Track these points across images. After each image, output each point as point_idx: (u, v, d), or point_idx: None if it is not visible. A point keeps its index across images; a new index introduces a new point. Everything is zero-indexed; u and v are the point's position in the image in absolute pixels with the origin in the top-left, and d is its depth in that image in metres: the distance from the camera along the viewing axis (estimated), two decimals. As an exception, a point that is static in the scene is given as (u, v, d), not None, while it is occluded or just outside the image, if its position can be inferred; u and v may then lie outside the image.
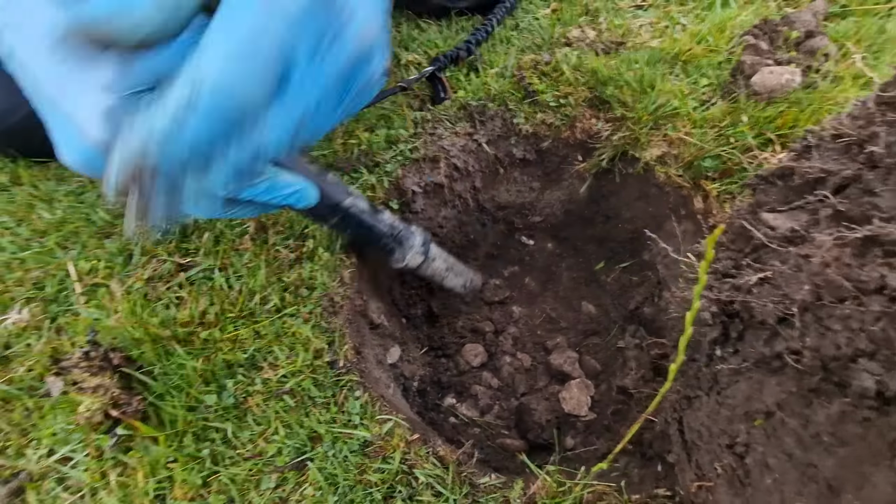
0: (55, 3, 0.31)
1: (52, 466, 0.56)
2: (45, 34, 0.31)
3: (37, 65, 0.33)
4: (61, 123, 0.34)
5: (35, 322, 0.67)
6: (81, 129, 0.33)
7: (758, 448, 0.39)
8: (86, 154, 0.33)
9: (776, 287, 0.37)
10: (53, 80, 0.33)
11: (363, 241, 0.70)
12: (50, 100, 0.34)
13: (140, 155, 0.28)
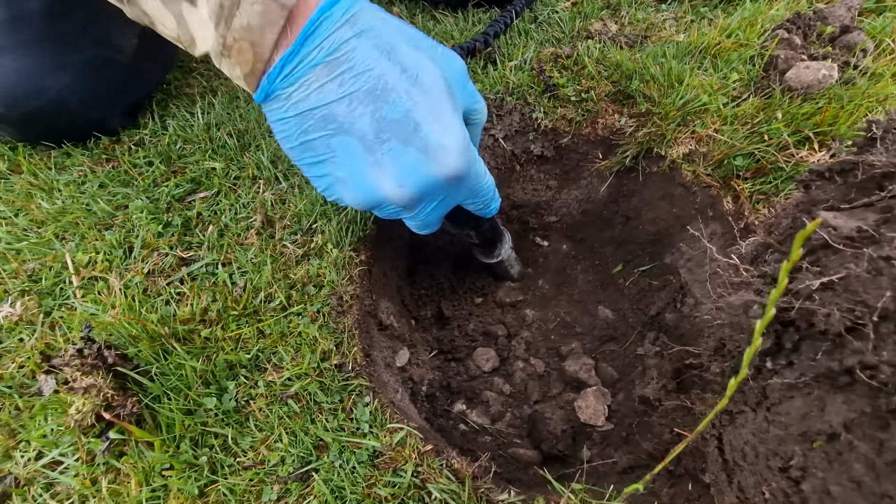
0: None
1: (40, 471, 0.52)
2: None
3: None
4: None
5: (28, 316, 0.63)
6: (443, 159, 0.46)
7: (817, 473, 0.35)
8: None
9: (846, 292, 0.32)
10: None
11: (489, 242, 0.81)
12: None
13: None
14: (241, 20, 0.41)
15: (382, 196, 0.47)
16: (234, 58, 0.42)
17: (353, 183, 0.47)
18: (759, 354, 0.40)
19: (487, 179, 0.53)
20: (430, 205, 0.49)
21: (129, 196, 0.75)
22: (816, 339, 0.36)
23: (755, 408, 0.41)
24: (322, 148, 0.46)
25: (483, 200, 0.55)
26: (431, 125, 0.44)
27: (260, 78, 0.43)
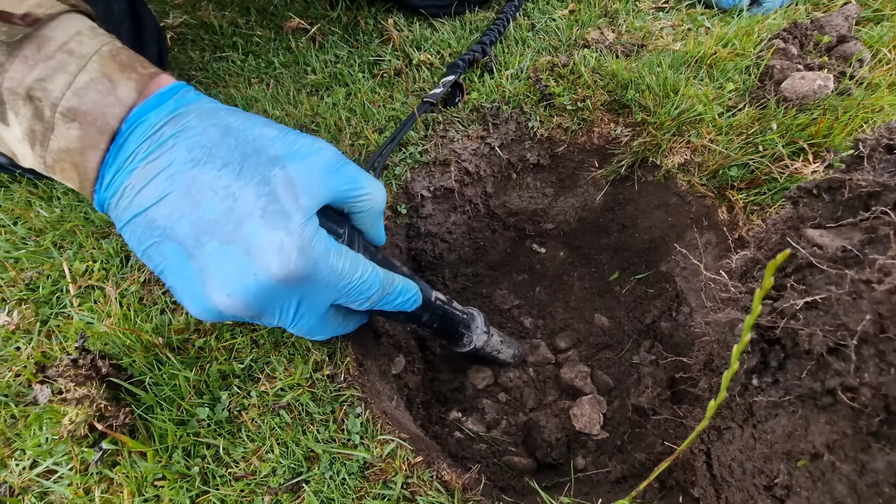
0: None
1: (34, 480, 0.53)
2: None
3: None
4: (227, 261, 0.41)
5: (25, 325, 0.64)
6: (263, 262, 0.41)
7: (801, 492, 0.35)
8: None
9: (828, 314, 0.33)
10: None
11: (443, 333, 0.70)
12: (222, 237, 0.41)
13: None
14: (57, 143, 0.40)
15: (216, 307, 0.42)
16: (60, 175, 0.42)
17: (188, 294, 0.43)
18: (746, 372, 0.40)
19: (358, 277, 0.46)
20: (286, 312, 0.45)
21: (126, 204, 0.76)
22: (801, 359, 0.36)
23: (742, 424, 0.41)
24: (157, 257, 0.43)
25: (366, 299, 0.48)
26: (255, 221, 0.40)
27: (91, 191, 0.43)
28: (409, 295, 0.54)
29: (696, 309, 0.77)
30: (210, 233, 0.40)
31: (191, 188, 0.40)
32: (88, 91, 0.39)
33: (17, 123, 0.39)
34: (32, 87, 0.38)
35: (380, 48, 0.97)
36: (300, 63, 0.97)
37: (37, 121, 0.39)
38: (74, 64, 0.39)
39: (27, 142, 0.40)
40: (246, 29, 1.06)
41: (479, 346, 0.75)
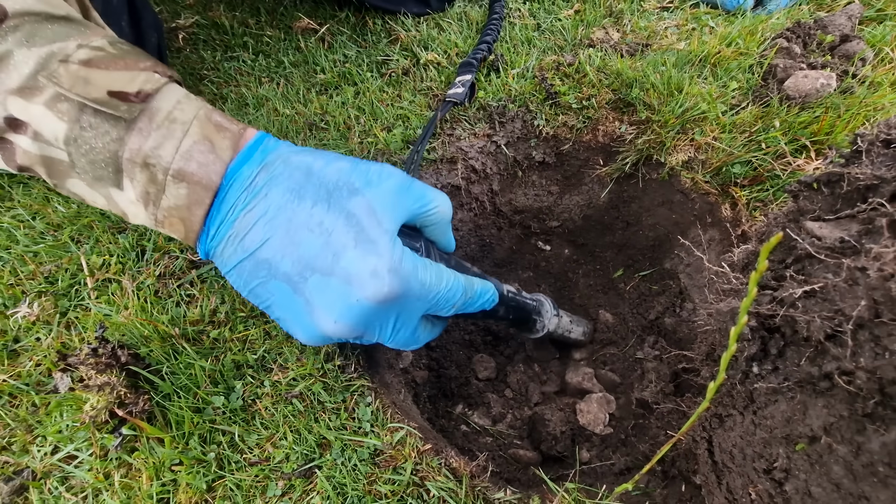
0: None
1: (55, 465, 0.55)
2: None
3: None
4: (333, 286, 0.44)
5: (45, 316, 0.66)
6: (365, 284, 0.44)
7: (800, 475, 0.36)
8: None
9: (826, 301, 0.34)
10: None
11: (518, 322, 0.72)
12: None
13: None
14: (168, 202, 0.44)
15: (324, 333, 0.46)
16: (168, 229, 0.46)
17: (297, 324, 0.47)
18: (747, 359, 0.41)
19: (444, 286, 0.49)
20: (385, 328, 0.48)
21: (141, 200, 0.78)
22: (800, 346, 0.37)
23: (742, 411, 0.43)
24: (264, 294, 0.46)
25: (452, 307, 0.51)
26: (350, 251, 0.43)
27: (196, 242, 0.46)
28: (489, 295, 0.56)
29: (699, 305, 0.78)
30: (311, 268, 0.44)
31: (288, 230, 0.44)
32: (193, 153, 0.43)
33: (131, 188, 0.43)
34: (148, 154, 0.42)
35: (388, 48, 0.99)
36: (309, 62, 0.99)
37: (151, 184, 0.43)
38: (179, 130, 0.43)
39: (141, 203, 0.44)
40: (256, 29, 1.08)
41: (551, 329, 0.78)
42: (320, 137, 0.85)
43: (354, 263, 0.43)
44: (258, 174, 0.45)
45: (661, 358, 0.84)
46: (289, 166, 0.45)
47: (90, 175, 0.43)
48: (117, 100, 0.41)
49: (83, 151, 0.42)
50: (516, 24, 1.00)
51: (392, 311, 0.47)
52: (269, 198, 0.44)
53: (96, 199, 0.46)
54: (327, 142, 0.84)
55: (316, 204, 0.44)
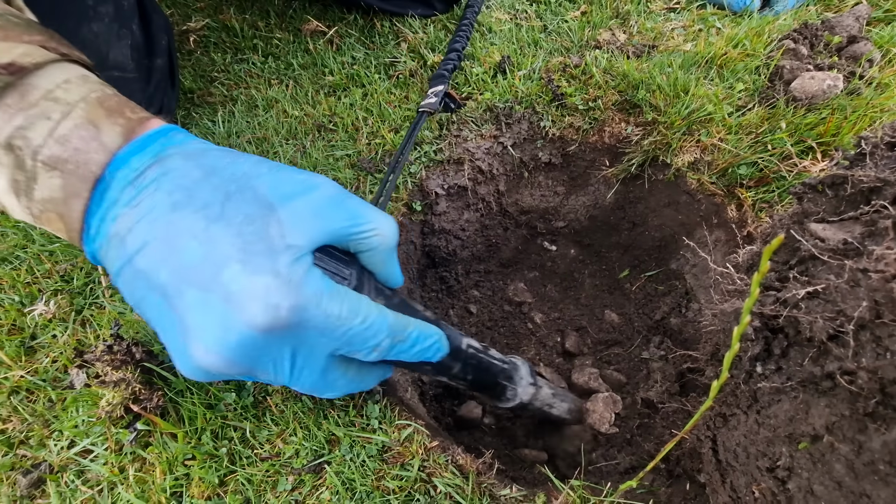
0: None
1: (72, 458, 0.56)
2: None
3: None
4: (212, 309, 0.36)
5: (61, 314, 0.68)
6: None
7: (802, 473, 0.37)
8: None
9: (828, 302, 0.34)
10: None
11: (480, 386, 0.60)
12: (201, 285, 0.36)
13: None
14: (41, 193, 0.38)
15: (197, 365, 0.37)
16: (47, 225, 0.40)
17: (174, 350, 0.39)
18: (750, 359, 0.42)
19: (360, 322, 0.40)
20: (279, 366, 0.39)
21: (153, 200, 0.79)
22: (803, 346, 0.38)
23: (746, 410, 0.43)
24: (147, 309, 0.39)
25: (374, 349, 0.41)
26: (235, 265, 0.36)
27: (79, 241, 0.40)
28: (429, 342, 0.46)
29: (705, 305, 0.79)
30: (188, 281, 0.36)
31: (169, 233, 0.37)
32: (71, 138, 0.38)
33: (2, 175, 0.38)
34: (13, 135, 0.37)
35: (395, 50, 1.00)
36: (318, 64, 1.00)
37: (18, 171, 0.38)
38: (59, 111, 0.38)
39: (11, 193, 0.39)
40: (266, 31, 1.09)
41: (525, 400, 0.64)
42: (328, 139, 0.86)
43: (238, 280, 0.36)
44: (149, 168, 0.38)
45: (666, 358, 0.85)
46: (188, 161, 0.39)
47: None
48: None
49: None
50: (523, 26, 1.01)
51: (285, 345, 0.38)
52: (155, 195, 0.37)
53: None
54: (335, 143, 0.85)
55: (207, 207, 0.37)
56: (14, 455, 0.57)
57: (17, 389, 0.62)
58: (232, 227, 0.37)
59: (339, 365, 0.43)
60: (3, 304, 0.69)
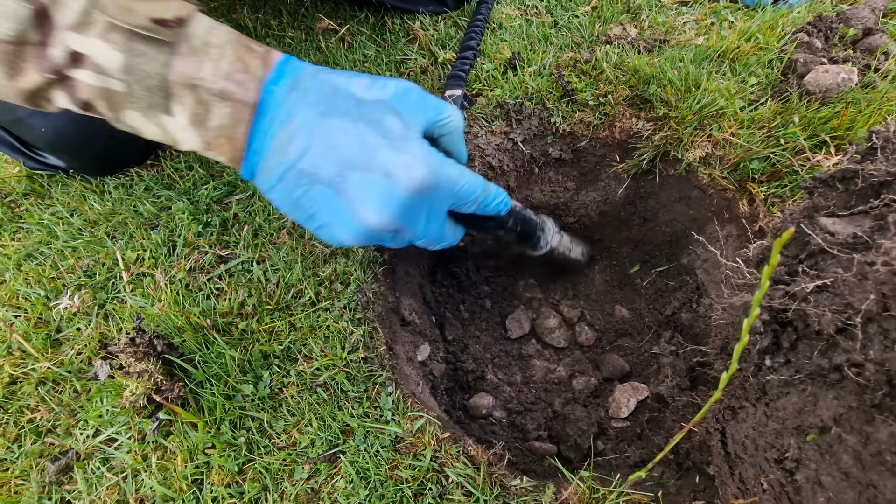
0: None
1: (97, 447, 0.58)
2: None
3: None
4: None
5: (85, 308, 0.70)
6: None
7: (810, 464, 0.37)
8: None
9: (836, 295, 0.35)
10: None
11: (524, 236, 0.74)
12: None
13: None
14: (214, 121, 0.47)
15: (369, 227, 0.49)
16: (216, 150, 0.49)
17: (342, 224, 0.50)
18: (759, 352, 0.42)
19: (466, 180, 0.54)
20: (418, 221, 0.52)
21: (171, 198, 0.81)
22: (812, 339, 0.38)
23: (755, 403, 0.43)
24: (307, 203, 0.50)
25: (474, 200, 0.56)
26: (385, 150, 0.48)
27: (241, 161, 0.50)
28: (502, 196, 0.60)
29: (716, 300, 0.79)
30: (351, 167, 0.47)
31: (327, 136, 0.47)
32: (232, 73, 0.46)
33: (181, 112, 0.46)
34: (192, 76, 0.45)
35: (406, 47, 1.01)
36: (330, 62, 1.01)
37: (198, 105, 0.46)
38: (216, 53, 0.46)
39: (191, 126, 0.47)
40: (278, 30, 1.11)
41: (554, 245, 0.81)
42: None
43: (390, 159, 0.47)
44: (290, 90, 0.48)
45: (677, 353, 0.85)
46: (317, 82, 0.49)
47: (144, 103, 0.46)
48: (159, 26, 0.44)
49: (138, 78, 0.45)
50: (533, 22, 1.01)
51: (424, 203, 0.51)
52: (304, 110, 0.47)
53: (150, 129, 0.49)
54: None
55: (348, 112, 0.48)
56: (42, 443, 0.60)
57: (44, 380, 0.64)
58: (372, 124, 0.48)
59: (447, 221, 0.57)
60: (30, 298, 0.71)
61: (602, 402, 0.88)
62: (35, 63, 0.44)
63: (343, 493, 0.52)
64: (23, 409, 0.62)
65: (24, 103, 0.48)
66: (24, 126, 0.79)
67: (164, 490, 0.54)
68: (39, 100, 0.47)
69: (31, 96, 0.47)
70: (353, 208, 0.49)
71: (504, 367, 0.96)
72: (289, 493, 0.53)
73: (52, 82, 0.45)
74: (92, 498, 0.54)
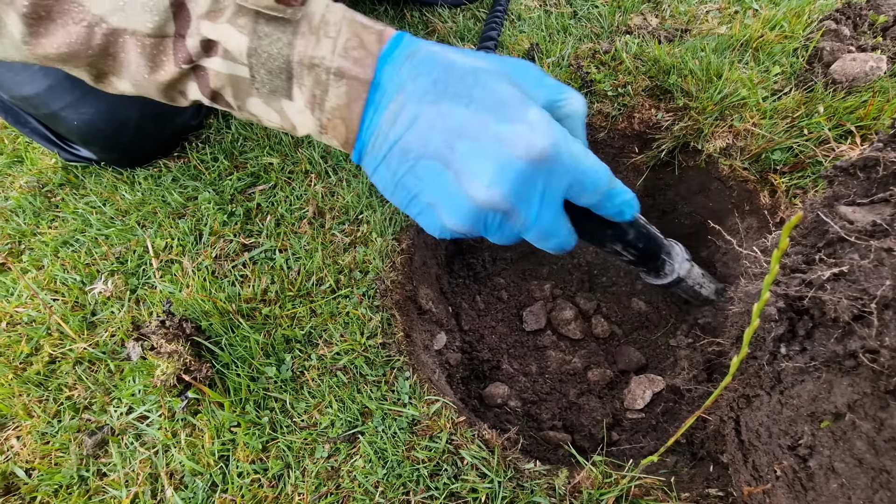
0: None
1: (130, 423, 0.61)
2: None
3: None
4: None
5: (118, 292, 0.73)
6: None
7: (823, 451, 0.37)
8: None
9: (853, 282, 0.35)
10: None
11: (646, 257, 0.64)
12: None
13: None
14: (331, 102, 0.46)
15: (476, 204, 0.44)
16: (331, 132, 0.48)
17: (447, 203, 0.46)
18: (774, 340, 0.42)
19: (591, 163, 0.47)
20: (532, 201, 0.45)
21: (198, 188, 0.84)
22: (828, 327, 0.38)
23: (770, 391, 0.44)
24: (411, 181, 0.47)
25: (597, 189, 0.48)
26: (501, 113, 0.43)
27: (353, 143, 0.48)
28: (629, 196, 0.51)
29: (734, 292, 0.78)
30: (461, 136, 0.43)
31: (438, 105, 0.44)
32: (349, 50, 0.45)
33: (300, 95, 0.46)
34: (313, 56, 0.44)
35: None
36: (350, 56, 1.03)
37: (317, 86, 0.45)
38: (333, 30, 0.45)
39: (308, 108, 0.46)
40: (300, 25, 1.13)
41: (682, 275, 0.69)
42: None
43: (506, 124, 0.43)
44: (404, 64, 0.46)
45: (694, 346, 0.85)
46: (432, 56, 0.46)
47: (267, 88, 0.46)
48: (283, 5, 0.44)
49: (262, 61, 0.45)
50: (552, 13, 1.00)
51: (540, 178, 0.45)
52: (417, 81, 0.45)
53: (271, 115, 0.48)
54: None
55: (463, 80, 0.45)
56: (79, 419, 0.63)
57: (81, 360, 0.68)
58: (488, 91, 0.44)
59: (563, 213, 0.49)
60: (67, 282, 0.75)
61: (617, 393, 0.88)
62: (173, 55, 0.44)
63: (362, 472, 0.54)
64: (61, 386, 0.66)
65: (161, 97, 0.48)
66: (58, 119, 0.83)
67: (192, 465, 0.56)
68: (174, 93, 0.48)
69: (168, 89, 0.47)
70: (462, 181, 0.44)
71: (519, 357, 0.97)
72: (310, 470, 0.55)
73: (186, 73, 0.45)
74: (126, 470, 0.57)
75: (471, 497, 0.51)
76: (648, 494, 0.51)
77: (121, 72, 0.46)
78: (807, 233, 0.46)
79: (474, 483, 0.52)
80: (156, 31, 0.43)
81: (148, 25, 0.43)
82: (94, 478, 0.58)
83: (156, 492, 0.56)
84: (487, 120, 0.43)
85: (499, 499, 0.51)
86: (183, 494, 0.55)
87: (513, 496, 0.51)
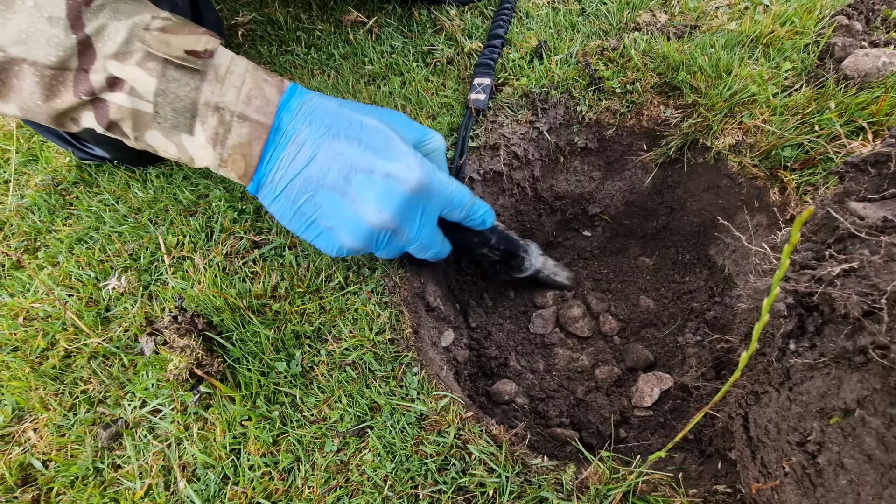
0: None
1: (144, 416, 0.62)
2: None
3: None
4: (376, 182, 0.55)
5: (131, 288, 0.74)
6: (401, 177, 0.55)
7: (833, 447, 0.37)
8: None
9: (863, 278, 0.35)
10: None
11: (507, 257, 0.80)
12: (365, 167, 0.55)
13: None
14: (233, 140, 0.53)
15: (369, 225, 0.55)
16: (230, 166, 0.55)
17: (343, 226, 0.56)
18: (784, 337, 0.42)
19: (455, 187, 0.61)
20: (414, 221, 0.57)
21: (208, 186, 0.85)
22: (838, 323, 0.38)
23: (779, 388, 0.44)
24: (310, 209, 0.56)
25: (463, 206, 0.62)
26: (385, 154, 0.54)
27: (251, 176, 0.55)
28: (486, 208, 0.67)
29: (744, 290, 0.78)
30: (355, 170, 0.54)
31: (332, 145, 0.54)
32: (252, 98, 0.53)
33: (201, 132, 0.52)
34: (219, 101, 0.51)
35: (433, 38, 1.02)
36: (358, 54, 1.03)
37: (220, 125, 0.52)
38: (238, 80, 0.53)
39: (209, 144, 0.53)
40: (308, 23, 1.13)
41: (538, 267, 0.85)
42: (369, 126, 0.89)
43: (390, 162, 0.54)
44: (300, 110, 0.55)
45: (702, 343, 0.84)
46: (323, 106, 0.56)
47: (169, 123, 0.51)
48: (192, 56, 0.50)
49: (169, 100, 0.50)
50: (560, 10, 1.00)
51: (420, 203, 0.57)
52: (312, 125, 0.54)
53: (168, 147, 0.54)
54: (376, 130, 0.88)
55: (351, 125, 0.55)
56: (94, 412, 0.64)
57: (95, 355, 0.69)
58: (373, 135, 0.56)
59: (438, 229, 0.63)
60: (81, 278, 0.76)
61: (625, 391, 0.88)
62: (73, 86, 0.49)
63: (371, 466, 0.54)
64: (77, 380, 0.67)
65: (50, 123, 0.52)
66: None
67: (204, 457, 0.57)
68: (66, 120, 0.52)
69: (60, 116, 0.51)
70: (356, 207, 0.54)
71: (527, 354, 0.97)
72: (320, 464, 0.55)
73: (84, 103, 0.50)
74: (140, 463, 0.59)
75: (478, 491, 0.52)
76: (656, 490, 0.51)
77: (8, 96, 0.49)
78: (817, 229, 0.46)
79: (482, 477, 0.52)
80: (58, 65, 0.47)
81: (51, 58, 0.46)
82: (108, 469, 0.59)
83: (169, 484, 0.57)
84: (375, 158, 0.54)
85: (506, 493, 0.51)
86: (195, 486, 0.56)
87: (520, 491, 0.52)
